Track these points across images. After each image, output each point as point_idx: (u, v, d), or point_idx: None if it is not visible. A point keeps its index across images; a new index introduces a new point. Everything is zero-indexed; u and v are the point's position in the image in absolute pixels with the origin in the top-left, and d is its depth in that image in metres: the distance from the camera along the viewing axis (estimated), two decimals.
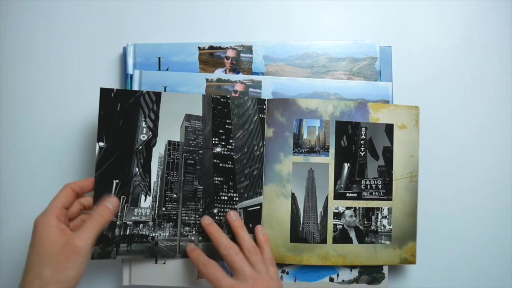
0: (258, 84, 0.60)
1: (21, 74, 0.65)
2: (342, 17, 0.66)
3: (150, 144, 0.57)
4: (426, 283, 0.63)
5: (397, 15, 0.66)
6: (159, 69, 0.61)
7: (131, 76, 0.61)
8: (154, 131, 0.57)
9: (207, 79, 0.60)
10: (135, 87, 0.60)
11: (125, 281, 0.58)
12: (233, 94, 0.60)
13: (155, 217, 0.57)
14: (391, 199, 0.59)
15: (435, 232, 0.63)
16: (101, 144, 0.56)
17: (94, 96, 0.57)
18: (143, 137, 0.57)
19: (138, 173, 0.57)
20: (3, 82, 0.65)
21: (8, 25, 0.65)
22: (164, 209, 0.57)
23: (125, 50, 0.62)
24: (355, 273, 0.59)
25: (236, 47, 0.62)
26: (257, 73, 0.62)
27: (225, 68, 0.62)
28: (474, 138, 0.65)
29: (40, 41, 0.65)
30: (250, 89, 0.60)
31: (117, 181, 0.56)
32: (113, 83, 0.64)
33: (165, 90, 0.60)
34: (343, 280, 0.59)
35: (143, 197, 0.57)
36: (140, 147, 0.57)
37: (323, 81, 0.61)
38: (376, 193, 0.59)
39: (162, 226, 0.57)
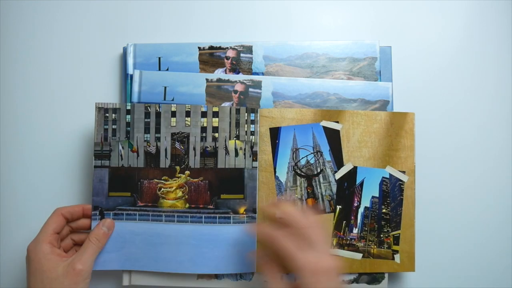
0: (258, 84, 0.60)
1: (20, 74, 0.65)
2: (342, 17, 0.66)
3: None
4: (426, 284, 0.63)
5: (397, 15, 0.66)
6: (159, 69, 0.61)
7: (131, 76, 0.61)
8: None
9: (207, 79, 0.60)
10: (135, 87, 0.60)
11: (125, 281, 0.58)
12: (233, 94, 0.60)
13: None
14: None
15: (433, 238, 0.63)
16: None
17: (94, 97, 0.57)
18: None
19: None
20: (2, 81, 0.65)
21: (8, 25, 0.65)
22: None
23: (125, 50, 0.62)
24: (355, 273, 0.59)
25: (236, 47, 0.62)
26: (257, 73, 0.62)
27: (225, 68, 0.62)
28: (474, 139, 0.64)
29: (40, 41, 0.65)
30: (250, 89, 0.61)
31: None
32: (113, 83, 0.64)
33: (165, 90, 0.60)
34: (343, 280, 0.59)
35: None
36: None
37: (323, 81, 0.61)
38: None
39: None
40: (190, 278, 0.58)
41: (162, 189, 0.58)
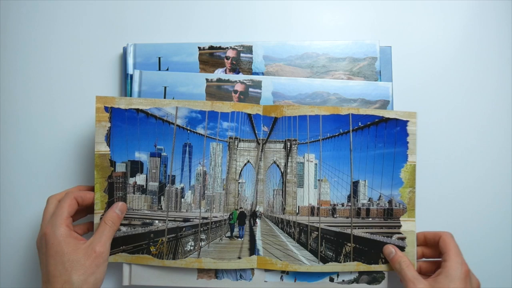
0: (258, 84, 0.61)
1: (20, 74, 0.65)
2: (342, 17, 0.66)
3: None
4: None
5: (397, 15, 0.66)
6: (159, 69, 0.61)
7: (131, 76, 0.61)
8: None
9: (207, 79, 0.60)
10: (135, 87, 0.60)
11: (125, 281, 0.58)
12: (233, 94, 0.60)
13: None
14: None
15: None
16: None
17: (94, 96, 0.57)
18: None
19: None
20: (3, 81, 0.65)
21: (8, 25, 0.65)
22: None
23: (125, 50, 0.62)
24: (355, 273, 0.59)
25: (236, 47, 0.62)
26: (257, 73, 0.62)
27: (225, 68, 0.62)
28: (474, 138, 0.64)
29: (40, 41, 0.65)
30: (250, 89, 0.61)
31: None
32: (113, 83, 0.64)
33: (165, 90, 0.60)
34: (343, 280, 0.59)
35: None
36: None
37: (323, 81, 0.61)
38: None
39: None
40: (190, 277, 0.58)
41: None
